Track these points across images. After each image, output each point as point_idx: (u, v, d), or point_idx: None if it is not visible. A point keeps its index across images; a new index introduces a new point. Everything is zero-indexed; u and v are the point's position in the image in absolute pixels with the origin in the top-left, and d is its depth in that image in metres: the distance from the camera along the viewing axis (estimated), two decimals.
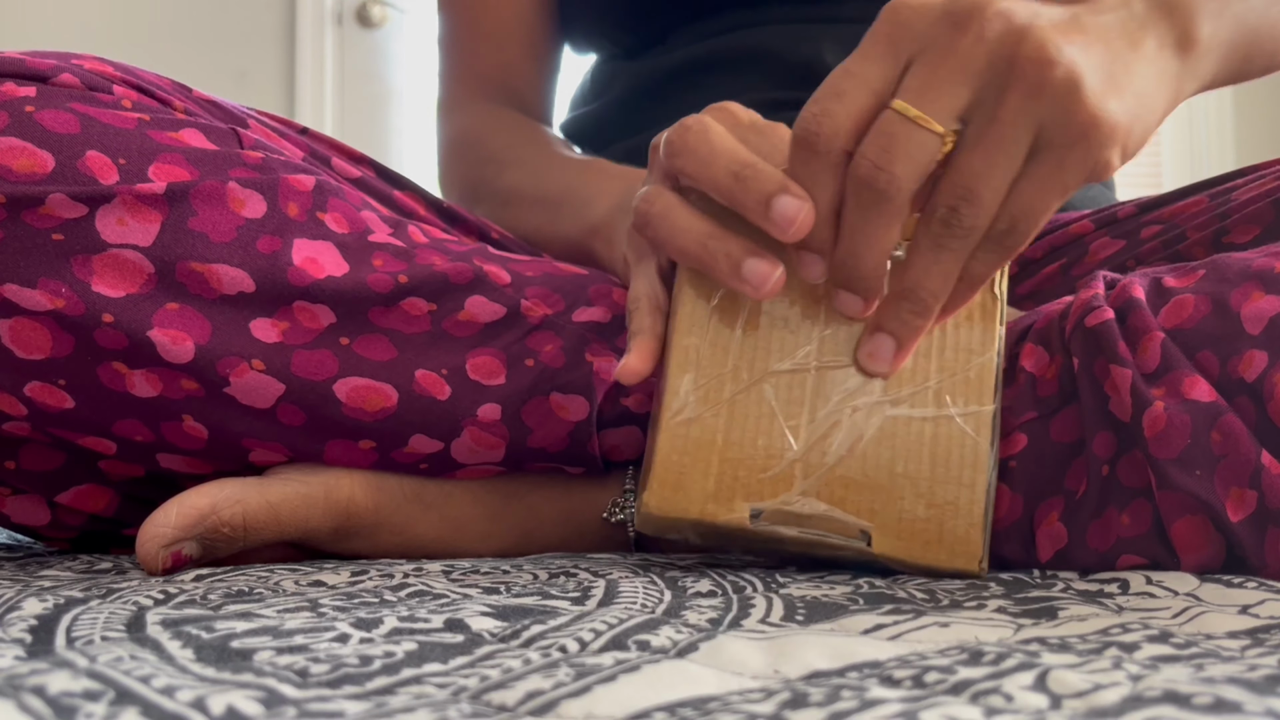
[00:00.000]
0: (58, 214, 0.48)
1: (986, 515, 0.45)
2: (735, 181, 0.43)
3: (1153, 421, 0.45)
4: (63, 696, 0.24)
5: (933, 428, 0.46)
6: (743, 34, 0.75)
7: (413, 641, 0.31)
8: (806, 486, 0.46)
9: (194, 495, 0.50)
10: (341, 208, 0.54)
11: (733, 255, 0.44)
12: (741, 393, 0.46)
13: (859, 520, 0.46)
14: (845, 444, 0.46)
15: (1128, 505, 0.46)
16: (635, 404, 0.55)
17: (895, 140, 0.40)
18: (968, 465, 0.46)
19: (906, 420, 0.46)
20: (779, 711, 0.24)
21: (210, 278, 0.50)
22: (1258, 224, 0.56)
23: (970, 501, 0.45)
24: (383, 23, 2.49)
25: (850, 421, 0.46)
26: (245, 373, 0.50)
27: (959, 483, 0.46)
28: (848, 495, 0.46)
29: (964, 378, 0.46)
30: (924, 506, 0.45)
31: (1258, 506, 0.43)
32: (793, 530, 0.46)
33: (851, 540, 0.46)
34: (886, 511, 0.46)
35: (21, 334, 0.48)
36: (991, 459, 0.46)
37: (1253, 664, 0.28)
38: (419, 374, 0.52)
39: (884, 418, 0.46)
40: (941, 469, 0.46)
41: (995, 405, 0.46)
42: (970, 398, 0.46)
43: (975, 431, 0.46)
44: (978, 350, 0.47)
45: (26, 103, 0.49)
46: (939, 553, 0.45)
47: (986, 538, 0.45)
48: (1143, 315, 0.47)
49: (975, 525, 0.45)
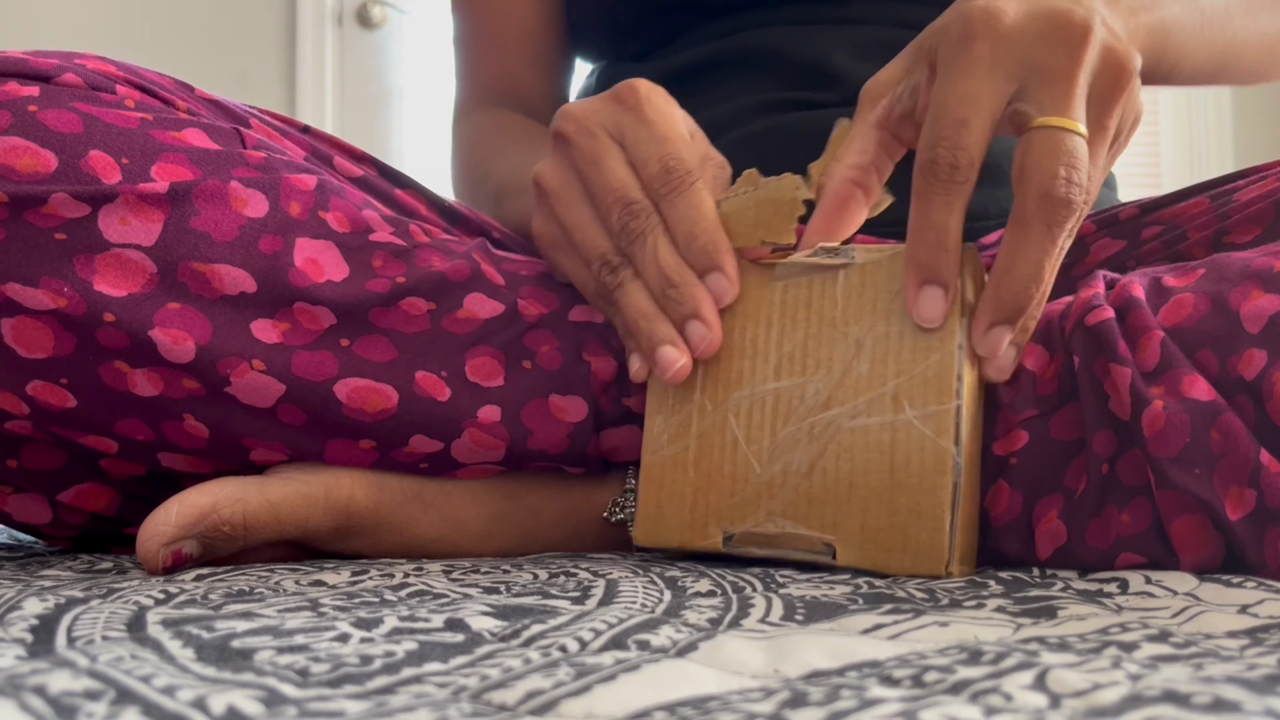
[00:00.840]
0: (60, 213, 0.48)
1: (953, 515, 0.45)
2: (661, 294, 0.50)
3: (1152, 420, 0.45)
4: (64, 696, 0.24)
5: (891, 434, 0.46)
6: (749, 35, 0.75)
7: (413, 641, 0.31)
8: (772, 507, 0.47)
9: (194, 494, 0.50)
10: (343, 207, 0.54)
11: (653, 338, 0.50)
12: (707, 425, 0.49)
13: (822, 535, 0.46)
14: (806, 462, 0.47)
15: (1127, 504, 0.46)
16: (637, 404, 0.55)
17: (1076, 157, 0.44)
18: (929, 470, 0.45)
19: (864, 430, 0.46)
20: (779, 711, 0.24)
21: (212, 278, 0.50)
22: (1258, 224, 0.56)
23: (933, 506, 0.45)
24: (383, 23, 2.49)
25: (810, 438, 0.47)
26: (246, 373, 0.50)
27: (920, 488, 0.45)
28: (811, 511, 0.47)
29: (922, 378, 0.46)
30: (886, 515, 0.46)
31: (1257, 505, 0.43)
32: (764, 550, 0.48)
33: (818, 555, 0.47)
34: (848, 524, 0.46)
35: (24, 333, 0.48)
36: (956, 458, 0.45)
37: (1252, 663, 0.28)
38: (419, 375, 0.52)
39: (842, 431, 0.47)
40: (902, 475, 0.45)
41: (957, 402, 0.45)
42: (929, 398, 0.45)
43: (936, 433, 0.45)
44: (935, 347, 0.46)
45: (30, 102, 0.49)
46: (903, 560, 0.45)
47: (953, 539, 0.45)
48: (1142, 314, 0.47)
49: (939, 530, 0.45)
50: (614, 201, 0.51)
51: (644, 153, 0.52)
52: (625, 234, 0.51)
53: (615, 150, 0.52)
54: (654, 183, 0.51)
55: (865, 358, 0.47)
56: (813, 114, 0.70)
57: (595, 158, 0.52)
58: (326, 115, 2.42)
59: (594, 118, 0.53)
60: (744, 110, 0.72)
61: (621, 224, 0.51)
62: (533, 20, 0.84)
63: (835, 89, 0.71)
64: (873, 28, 0.74)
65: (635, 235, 0.51)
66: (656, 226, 0.50)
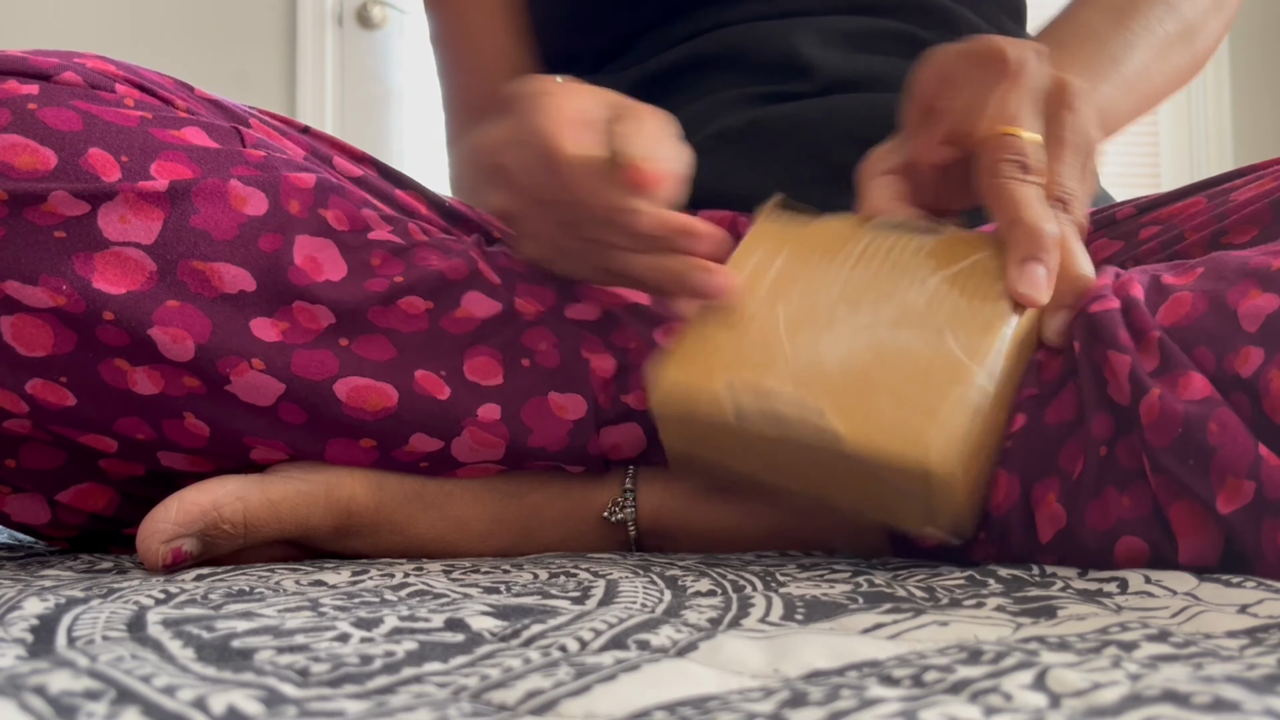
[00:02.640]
0: (60, 211, 0.48)
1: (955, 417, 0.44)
2: None
3: (1149, 409, 0.45)
4: (64, 696, 0.24)
5: (923, 348, 0.46)
6: (714, 35, 0.74)
7: (413, 641, 0.32)
8: (783, 374, 0.47)
9: (195, 492, 0.50)
10: (342, 205, 0.54)
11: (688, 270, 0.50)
12: (758, 309, 0.50)
13: (828, 410, 0.46)
14: (835, 352, 0.47)
15: (1128, 486, 0.47)
16: (635, 401, 0.55)
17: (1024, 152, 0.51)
18: (947, 379, 0.45)
19: (901, 341, 0.47)
20: (778, 710, 0.24)
21: (211, 276, 0.50)
22: (1256, 225, 0.56)
23: (938, 401, 0.45)
24: (383, 23, 2.49)
25: (848, 337, 0.48)
26: (246, 371, 0.50)
27: (933, 390, 0.45)
28: (820, 386, 0.46)
29: (972, 319, 0.47)
30: (890, 402, 0.45)
31: (1255, 497, 0.43)
32: (757, 400, 0.47)
33: (808, 414, 0.46)
34: (850, 402, 0.46)
35: (23, 331, 0.48)
36: (979, 380, 0.45)
37: (1251, 663, 0.28)
38: (418, 374, 0.52)
39: (880, 335, 0.47)
40: (920, 378, 0.46)
41: (997, 342, 0.46)
42: (971, 333, 0.47)
43: (968, 356, 0.46)
44: (992, 299, 0.47)
45: (29, 100, 0.49)
46: (891, 439, 0.44)
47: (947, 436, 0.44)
48: (1141, 314, 0.47)
49: (932, 422, 0.44)
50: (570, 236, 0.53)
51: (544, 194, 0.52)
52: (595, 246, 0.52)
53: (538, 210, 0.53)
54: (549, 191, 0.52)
55: (925, 296, 0.48)
56: (789, 105, 0.70)
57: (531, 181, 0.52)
58: (326, 115, 2.42)
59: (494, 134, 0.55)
60: (721, 106, 0.72)
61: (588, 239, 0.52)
62: (510, 41, 0.84)
63: (807, 79, 0.71)
64: (833, 16, 0.74)
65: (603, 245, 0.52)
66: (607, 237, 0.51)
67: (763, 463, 0.49)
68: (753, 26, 0.74)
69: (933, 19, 0.75)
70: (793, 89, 0.71)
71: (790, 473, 0.49)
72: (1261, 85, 2.65)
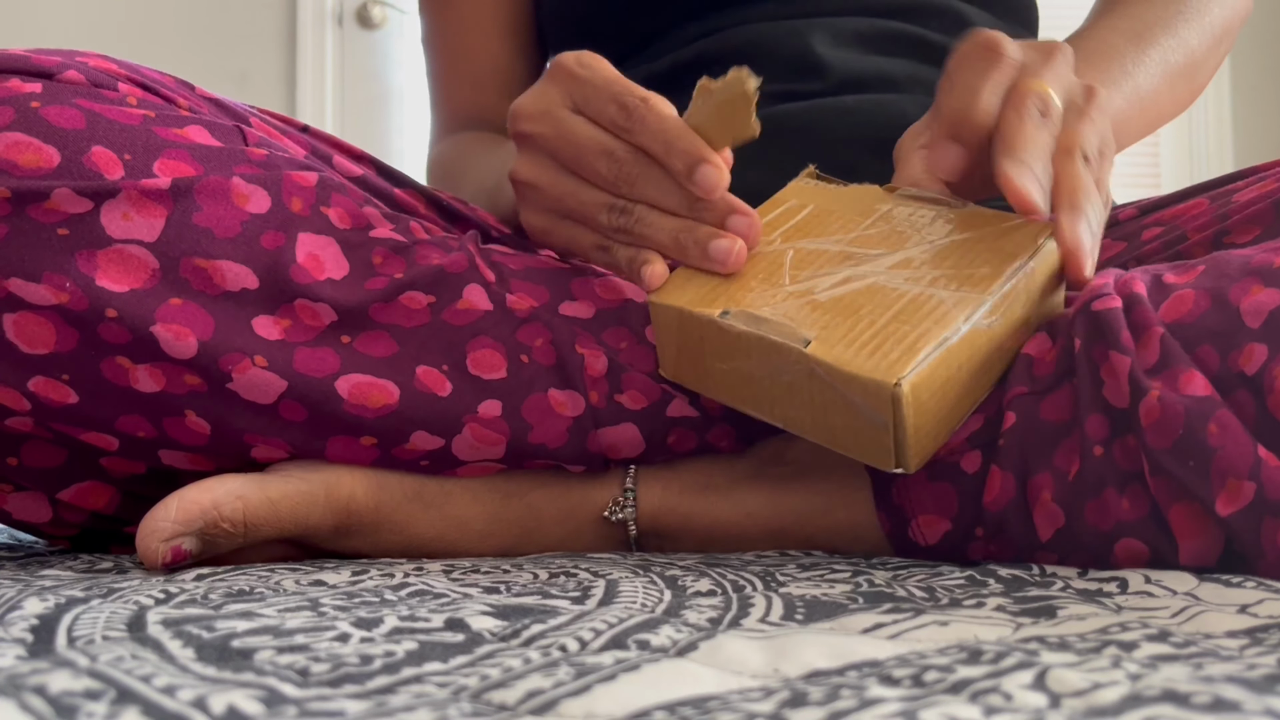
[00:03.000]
0: (63, 209, 0.48)
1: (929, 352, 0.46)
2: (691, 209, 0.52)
3: (1148, 410, 0.45)
4: (64, 696, 0.24)
5: (914, 293, 0.48)
6: (727, 34, 0.75)
7: (413, 641, 0.32)
8: (777, 306, 0.49)
9: (195, 490, 0.50)
10: (344, 203, 0.54)
11: (700, 242, 0.52)
12: (769, 249, 0.53)
13: (808, 332, 0.48)
14: (829, 289, 0.49)
15: (1127, 488, 0.47)
16: (630, 400, 0.55)
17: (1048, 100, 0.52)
18: (930, 319, 0.47)
19: (892, 284, 0.49)
20: (778, 710, 0.24)
21: (214, 274, 0.50)
22: (1258, 225, 0.56)
23: (916, 337, 0.46)
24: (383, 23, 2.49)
25: (845, 278, 0.50)
26: (247, 369, 0.50)
27: (914, 327, 0.47)
28: (809, 316, 0.48)
29: (968, 275, 0.48)
30: (871, 333, 0.47)
31: (1255, 498, 0.43)
32: (746, 326, 0.49)
33: (791, 340, 0.48)
34: (836, 330, 0.47)
35: (26, 328, 0.48)
36: (960, 324, 0.46)
37: (1251, 663, 0.28)
38: (420, 370, 0.52)
39: (876, 279, 0.49)
40: (904, 315, 0.47)
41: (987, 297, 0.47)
42: (964, 286, 0.48)
43: (954, 305, 0.47)
44: (993, 264, 0.49)
45: (32, 98, 0.49)
46: (864, 363, 0.46)
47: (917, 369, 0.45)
48: (1144, 311, 0.47)
49: (910, 353, 0.45)
50: (596, 156, 0.53)
51: (596, 106, 0.53)
52: (624, 180, 0.52)
53: (573, 116, 0.54)
54: (619, 121, 0.53)
55: (929, 253, 0.50)
56: (800, 104, 0.71)
57: (559, 132, 0.54)
58: (326, 115, 2.42)
59: (539, 101, 0.55)
60: None
61: (613, 173, 0.53)
62: (504, 55, 0.85)
63: (820, 78, 0.72)
64: (847, 17, 0.75)
65: (634, 177, 0.52)
66: (648, 161, 0.52)
67: (750, 389, 0.51)
68: (767, 26, 0.74)
69: (945, 22, 0.75)
70: (805, 88, 0.72)
71: (772, 396, 0.50)
72: (1261, 87, 2.65)
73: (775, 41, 0.74)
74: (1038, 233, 0.50)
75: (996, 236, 0.50)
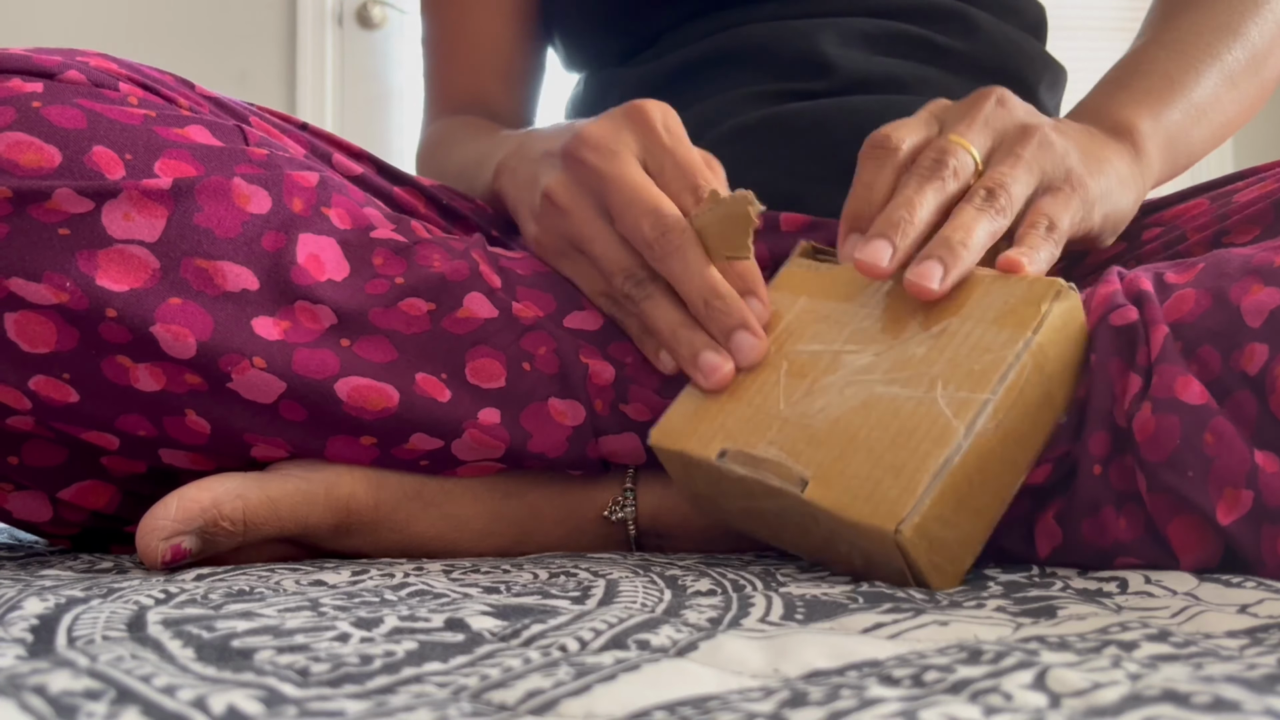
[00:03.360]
0: (64, 209, 0.48)
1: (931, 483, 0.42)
2: (705, 307, 0.51)
3: (1142, 425, 0.45)
4: (64, 696, 0.24)
5: (913, 405, 0.45)
6: (736, 32, 0.75)
7: (413, 641, 0.32)
8: (775, 437, 0.47)
9: (194, 489, 0.50)
10: (345, 204, 0.54)
11: (693, 345, 0.51)
12: (763, 365, 0.50)
13: (804, 470, 0.45)
14: (827, 410, 0.47)
15: (1123, 508, 0.46)
16: (634, 412, 0.55)
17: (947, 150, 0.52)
18: (930, 439, 0.44)
19: (891, 397, 0.46)
20: (778, 710, 0.24)
21: (214, 274, 0.50)
22: (1258, 225, 0.56)
23: (916, 469, 0.43)
24: (383, 23, 2.49)
25: (840, 392, 0.47)
26: (247, 370, 0.50)
27: (911, 452, 0.44)
28: (806, 450, 0.46)
29: (967, 370, 0.45)
30: (868, 465, 0.44)
31: (1254, 506, 0.43)
32: (743, 469, 0.47)
33: (788, 484, 0.45)
34: (833, 467, 0.45)
35: (27, 328, 0.48)
36: (961, 439, 0.43)
37: (1251, 663, 0.28)
38: (419, 376, 0.52)
39: (872, 392, 0.46)
40: (902, 439, 0.44)
41: (988, 396, 0.44)
42: (964, 386, 0.44)
43: (954, 414, 0.44)
44: (993, 349, 0.45)
45: (34, 98, 0.49)
46: (862, 507, 0.43)
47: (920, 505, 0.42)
48: (1152, 309, 0.47)
49: (909, 490, 0.42)
50: (644, 215, 0.52)
51: (670, 176, 0.53)
52: (661, 246, 0.52)
53: (639, 169, 0.54)
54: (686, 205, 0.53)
55: (928, 343, 0.47)
56: (805, 104, 0.71)
57: (619, 174, 0.53)
58: (326, 115, 2.42)
59: (610, 138, 0.55)
60: (735, 102, 0.72)
61: (655, 237, 0.52)
62: (505, 37, 0.84)
63: (825, 78, 0.72)
64: (855, 18, 0.74)
65: (672, 249, 0.51)
66: (693, 241, 0.51)
67: (763, 522, 0.50)
68: (775, 25, 0.74)
69: (953, 26, 0.75)
70: (810, 87, 0.72)
71: (786, 528, 0.49)
72: None
73: (782, 41, 0.74)
74: (1040, 297, 0.45)
75: (997, 313, 0.46)
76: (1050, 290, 0.45)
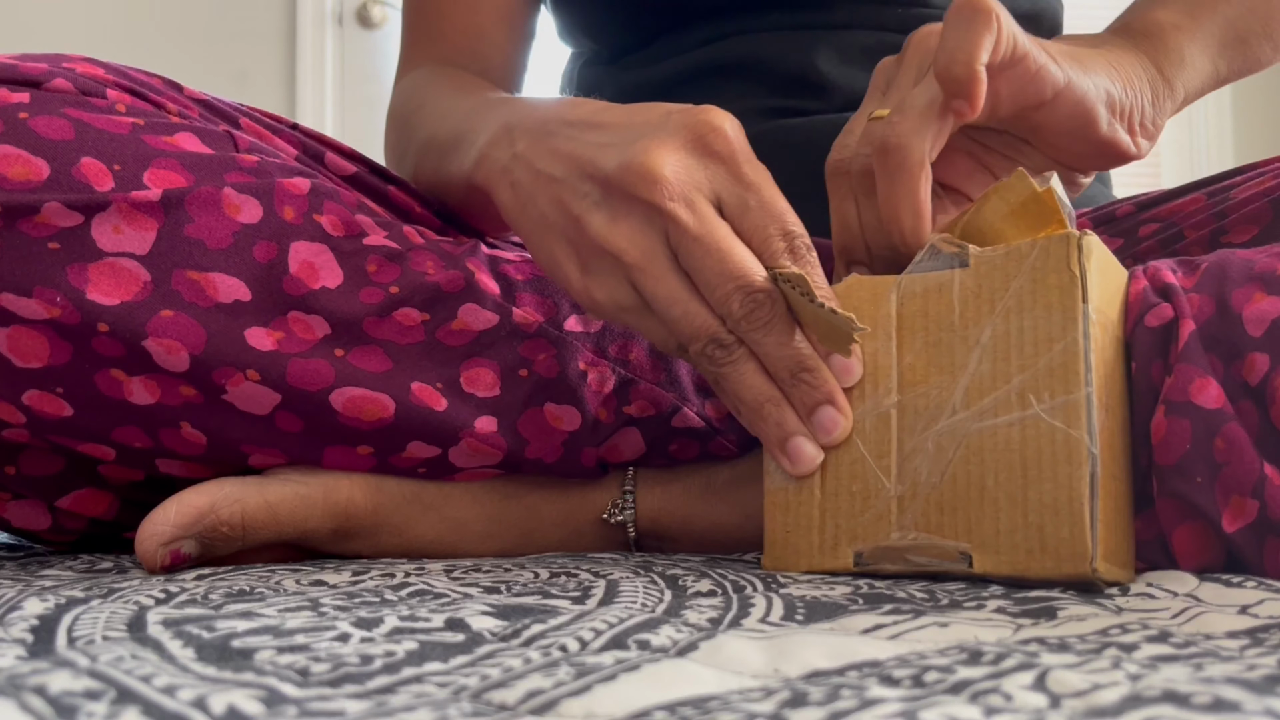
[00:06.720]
0: (53, 222, 0.48)
1: (1091, 507, 0.41)
2: (791, 378, 0.47)
3: (1155, 428, 0.45)
4: (64, 696, 0.24)
5: (1020, 431, 0.43)
6: (733, 42, 0.73)
7: (413, 641, 0.31)
8: (903, 520, 0.45)
9: (193, 494, 0.50)
10: (337, 210, 0.54)
11: (783, 428, 0.47)
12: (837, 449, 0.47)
13: (957, 543, 0.44)
14: (936, 471, 0.45)
15: (1140, 512, 0.46)
16: (637, 410, 0.54)
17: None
18: (1061, 461, 0.42)
19: (992, 431, 0.44)
20: (779, 710, 0.24)
21: (206, 286, 0.49)
22: (1255, 224, 0.56)
23: (1070, 499, 0.41)
24: (383, 23, 2.49)
25: (937, 447, 0.45)
26: (241, 382, 0.50)
27: (1055, 482, 0.42)
28: (943, 520, 0.44)
29: (1047, 370, 0.43)
30: (1021, 515, 0.42)
31: (1259, 516, 0.43)
32: (896, 565, 0.45)
33: (952, 564, 0.44)
34: (983, 529, 0.43)
35: (19, 342, 0.48)
36: (1091, 448, 0.42)
37: (1252, 664, 0.28)
38: (415, 386, 0.52)
39: (969, 435, 0.44)
40: (1034, 472, 0.42)
41: (1086, 390, 0.42)
42: (1056, 389, 0.43)
43: (1067, 424, 0.42)
44: (1058, 336, 0.43)
45: (20, 109, 0.49)
46: (1044, 560, 0.42)
47: (1095, 533, 0.41)
48: (1180, 301, 0.46)
49: (1078, 525, 0.41)
50: (736, 290, 0.46)
51: (755, 221, 0.47)
52: (749, 320, 0.46)
53: (724, 227, 0.46)
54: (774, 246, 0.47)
55: (988, 358, 0.44)
56: (801, 121, 0.70)
57: (705, 235, 0.46)
58: (326, 115, 2.41)
59: (682, 177, 0.46)
60: None
61: (745, 311, 0.46)
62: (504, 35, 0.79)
63: (822, 97, 0.71)
64: (857, 32, 0.73)
65: (760, 324, 0.46)
66: (783, 313, 0.46)
67: None
68: (772, 37, 0.73)
69: None
70: (805, 105, 0.71)
71: None
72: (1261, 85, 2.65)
73: (780, 55, 0.72)
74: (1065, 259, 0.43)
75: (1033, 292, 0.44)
76: (1067, 246, 0.44)
